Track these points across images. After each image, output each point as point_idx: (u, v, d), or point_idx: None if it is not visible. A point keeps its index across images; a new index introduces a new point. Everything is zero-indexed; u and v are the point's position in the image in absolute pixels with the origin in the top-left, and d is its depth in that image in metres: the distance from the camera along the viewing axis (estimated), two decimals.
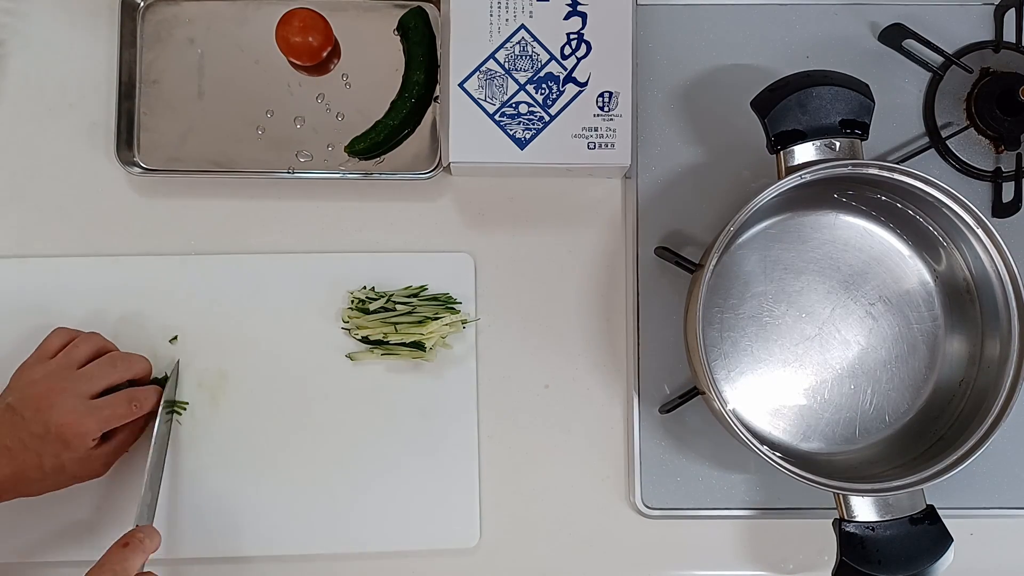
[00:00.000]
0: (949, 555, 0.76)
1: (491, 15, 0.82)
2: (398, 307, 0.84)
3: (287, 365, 0.85)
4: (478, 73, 0.82)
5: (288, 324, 0.85)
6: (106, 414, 0.77)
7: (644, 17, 0.88)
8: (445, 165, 0.84)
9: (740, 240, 0.84)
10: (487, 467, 0.86)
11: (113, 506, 0.83)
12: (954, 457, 0.76)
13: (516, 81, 0.82)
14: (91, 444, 0.76)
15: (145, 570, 0.76)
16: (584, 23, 0.83)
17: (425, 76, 0.86)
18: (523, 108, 0.82)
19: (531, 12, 0.82)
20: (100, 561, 0.74)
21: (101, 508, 0.83)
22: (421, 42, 0.86)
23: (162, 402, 0.81)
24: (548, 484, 0.86)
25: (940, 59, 0.87)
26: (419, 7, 0.87)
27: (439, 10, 0.88)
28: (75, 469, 0.77)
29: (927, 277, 0.85)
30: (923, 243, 0.84)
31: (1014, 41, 0.88)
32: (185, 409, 0.84)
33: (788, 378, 0.84)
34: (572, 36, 0.83)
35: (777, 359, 0.84)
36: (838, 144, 0.77)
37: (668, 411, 0.84)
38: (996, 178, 0.87)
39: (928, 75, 0.88)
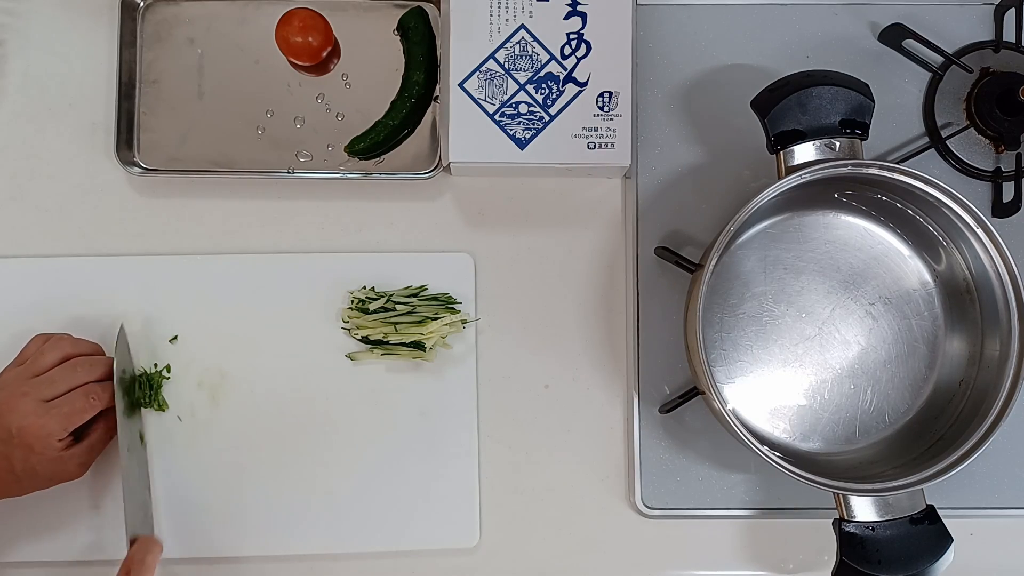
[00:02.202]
0: (949, 555, 0.76)
1: (491, 15, 0.82)
2: (398, 307, 0.84)
3: (287, 365, 0.85)
4: (478, 73, 0.82)
5: (288, 324, 0.85)
6: (65, 411, 0.76)
7: (644, 17, 0.88)
8: (445, 165, 0.84)
9: (740, 240, 0.84)
10: (487, 467, 0.86)
11: (112, 506, 0.83)
12: (954, 457, 0.76)
13: (516, 81, 0.82)
14: (59, 445, 0.76)
15: None
16: (584, 23, 0.83)
17: (425, 76, 0.86)
18: (523, 108, 0.82)
19: (531, 12, 0.82)
20: None
21: (99, 508, 0.83)
22: (421, 42, 0.86)
23: (115, 380, 0.80)
24: (548, 484, 0.86)
25: (940, 59, 0.87)
26: (419, 7, 0.87)
27: (439, 10, 0.88)
28: (48, 471, 0.77)
29: (927, 277, 0.85)
30: (923, 243, 0.84)
31: (1014, 41, 0.88)
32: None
33: (788, 378, 0.84)
34: (572, 36, 0.83)
35: (777, 359, 0.84)
36: (838, 144, 0.77)
37: (668, 411, 0.84)
38: (996, 178, 0.87)
39: (928, 75, 0.88)
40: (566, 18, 0.83)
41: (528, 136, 0.82)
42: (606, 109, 0.83)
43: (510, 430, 0.86)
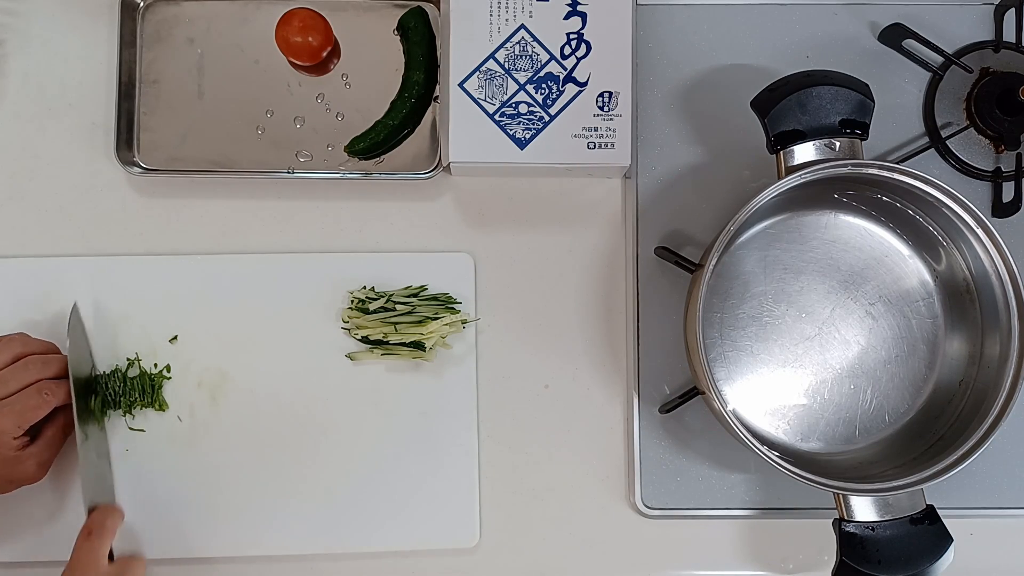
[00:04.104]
0: (949, 555, 0.76)
1: (491, 15, 0.82)
2: (398, 307, 0.84)
3: (287, 365, 0.85)
4: (478, 73, 0.82)
5: (288, 324, 0.85)
6: (17, 409, 0.75)
7: (644, 17, 0.88)
8: (445, 165, 0.84)
9: (740, 240, 0.84)
10: (487, 467, 0.86)
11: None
12: (954, 457, 0.76)
13: (516, 81, 0.82)
14: (14, 444, 0.76)
15: (130, 555, 0.78)
16: (584, 23, 0.83)
17: (425, 76, 0.86)
18: (523, 108, 0.82)
19: (531, 12, 0.82)
20: (71, 560, 0.75)
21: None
22: (421, 42, 0.86)
23: (70, 371, 0.79)
24: (548, 484, 0.86)
25: (940, 59, 0.87)
26: (419, 7, 0.87)
27: (439, 10, 0.88)
28: (6, 473, 0.76)
29: (927, 277, 0.85)
30: (923, 243, 0.84)
31: (1014, 41, 0.88)
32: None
33: (788, 378, 0.84)
34: (572, 36, 0.83)
35: (777, 359, 0.84)
36: (838, 144, 0.77)
37: (668, 411, 0.84)
38: (996, 178, 0.87)
39: (928, 75, 0.88)
40: (566, 18, 0.83)
41: (528, 136, 0.82)
42: (606, 109, 0.83)
43: (510, 430, 0.86)
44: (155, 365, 0.84)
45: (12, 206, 0.87)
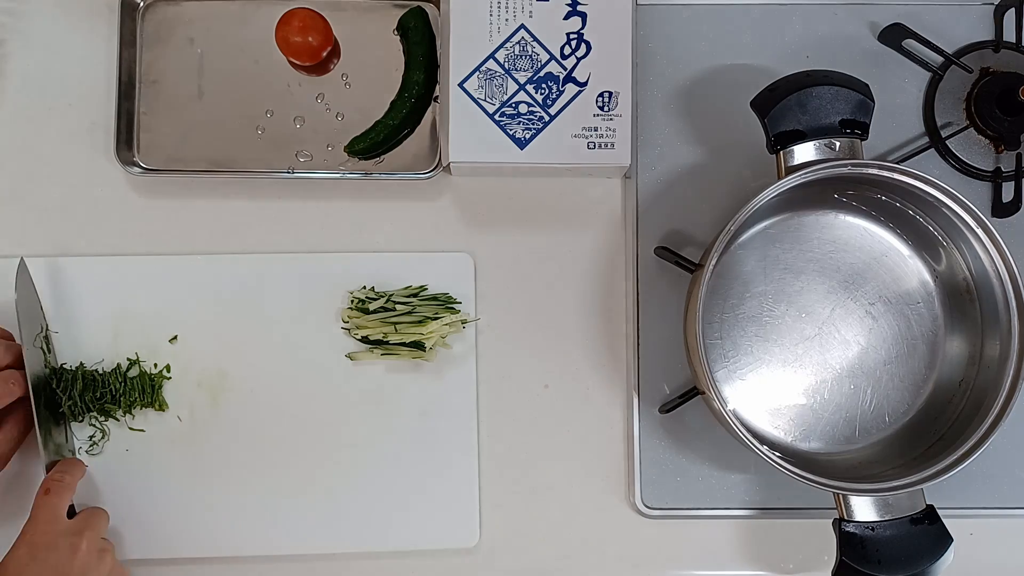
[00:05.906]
0: (949, 555, 0.76)
1: (491, 15, 0.82)
2: (398, 307, 0.84)
3: (287, 365, 0.85)
4: (478, 73, 0.82)
5: (288, 324, 0.85)
6: None
7: (644, 17, 0.88)
8: (445, 165, 0.84)
9: (740, 240, 0.84)
10: (487, 467, 0.86)
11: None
12: (954, 457, 0.76)
13: (516, 81, 0.82)
14: None
15: (93, 508, 0.78)
16: (584, 23, 0.83)
17: (425, 76, 0.86)
18: (523, 108, 0.82)
19: (531, 12, 0.82)
20: (29, 517, 0.74)
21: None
22: (421, 42, 0.86)
23: (19, 323, 0.78)
24: (548, 484, 0.86)
25: (940, 59, 0.87)
26: (419, 7, 0.87)
27: (439, 10, 0.88)
28: None
29: (927, 277, 0.85)
30: (923, 243, 0.84)
31: (1014, 41, 0.88)
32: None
33: (788, 378, 0.84)
34: (572, 36, 0.83)
35: (777, 359, 0.84)
36: (838, 144, 0.77)
37: (668, 411, 0.84)
38: (996, 178, 0.87)
39: (928, 75, 0.88)
40: (566, 18, 0.83)
41: (528, 136, 0.82)
42: (606, 109, 0.83)
43: (510, 430, 0.86)
44: (155, 365, 0.84)
45: (12, 206, 0.87)
